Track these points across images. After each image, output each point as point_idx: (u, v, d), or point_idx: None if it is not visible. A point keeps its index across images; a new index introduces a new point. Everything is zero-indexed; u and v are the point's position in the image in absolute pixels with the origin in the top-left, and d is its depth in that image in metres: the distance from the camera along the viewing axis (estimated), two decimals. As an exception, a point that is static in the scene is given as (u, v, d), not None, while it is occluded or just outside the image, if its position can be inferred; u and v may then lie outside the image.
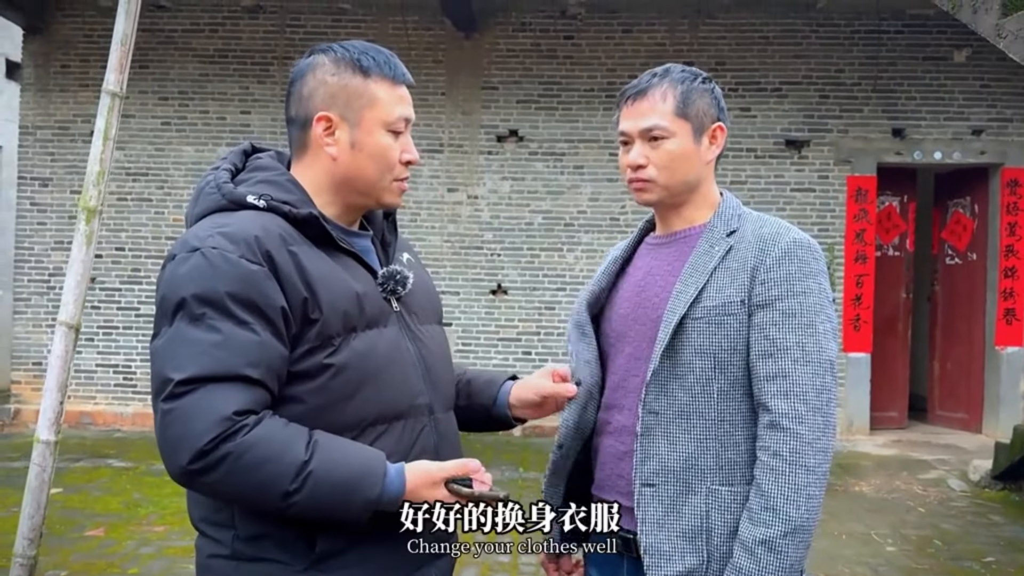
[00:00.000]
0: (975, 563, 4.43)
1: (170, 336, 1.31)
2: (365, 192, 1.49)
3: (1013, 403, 7.35)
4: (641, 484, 1.58)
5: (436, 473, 1.38)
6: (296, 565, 1.35)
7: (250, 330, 1.30)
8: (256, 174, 1.47)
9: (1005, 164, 7.42)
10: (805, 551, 1.49)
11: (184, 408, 1.27)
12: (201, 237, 1.34)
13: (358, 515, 1.32)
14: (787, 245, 1.56)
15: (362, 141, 1.45)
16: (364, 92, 1.45)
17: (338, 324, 1.37)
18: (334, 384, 1.36)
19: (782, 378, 1.50)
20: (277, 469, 1.27)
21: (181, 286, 1.32)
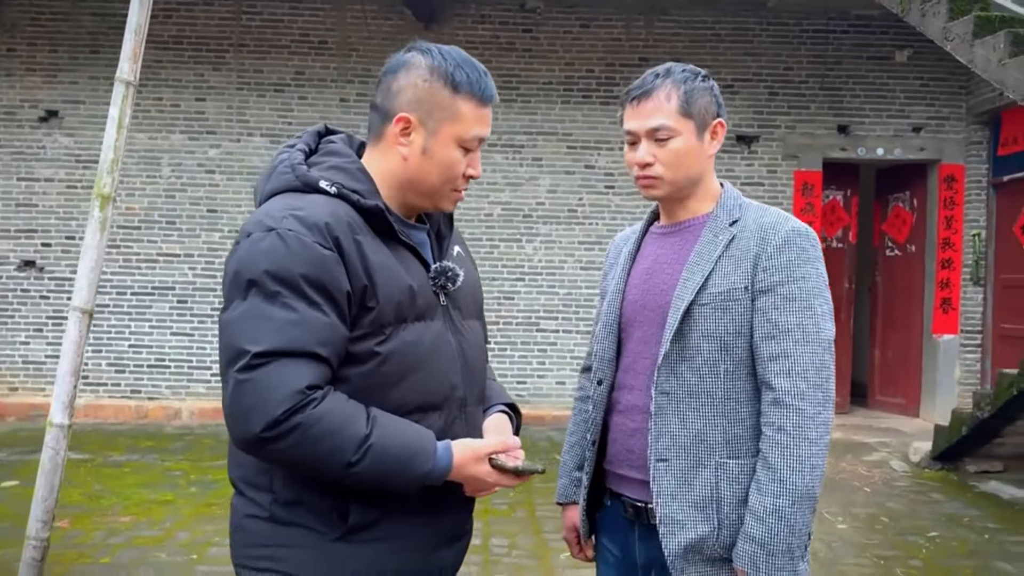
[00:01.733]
0: (920, 537, 4.69)
1: (244, 310, 1.36)
2: (425, 195, 1.54)
3: (949, 388, 7.73)
4: (656, 459, 1.69)
5: (481, 449, 1.47)
6: (329, 534, 1.42)
7: (321, 311, 1.36)
8: (328, 159, 1.52)
9: (942, 160, 7.78)
10: (811, 516, 1.61)
11: (260, 379, 1.32)
12: (276, 218, 1.39)
13: (410, 487, 1.40)
14: (787, 234, 1.67)
15: (434, 150, 1.50)
16: (449, 106, 1.50)
17: (391, 314, 1.43)
18: (381, 370, 1.43)
19: (784, 358, 1.62)
20: (341, 441, 1.34)
21: (257, 263, 1.36)
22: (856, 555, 4.37)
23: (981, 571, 4.17)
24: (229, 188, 7.65)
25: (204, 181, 7.63)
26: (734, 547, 1.63)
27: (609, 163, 7.63)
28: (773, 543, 1.57)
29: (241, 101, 7.62)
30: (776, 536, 1.57)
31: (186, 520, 4.76)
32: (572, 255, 7.64)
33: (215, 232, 7.64)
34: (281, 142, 7.53)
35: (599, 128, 7.62)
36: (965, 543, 4.60)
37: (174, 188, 7.60)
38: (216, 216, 7.64)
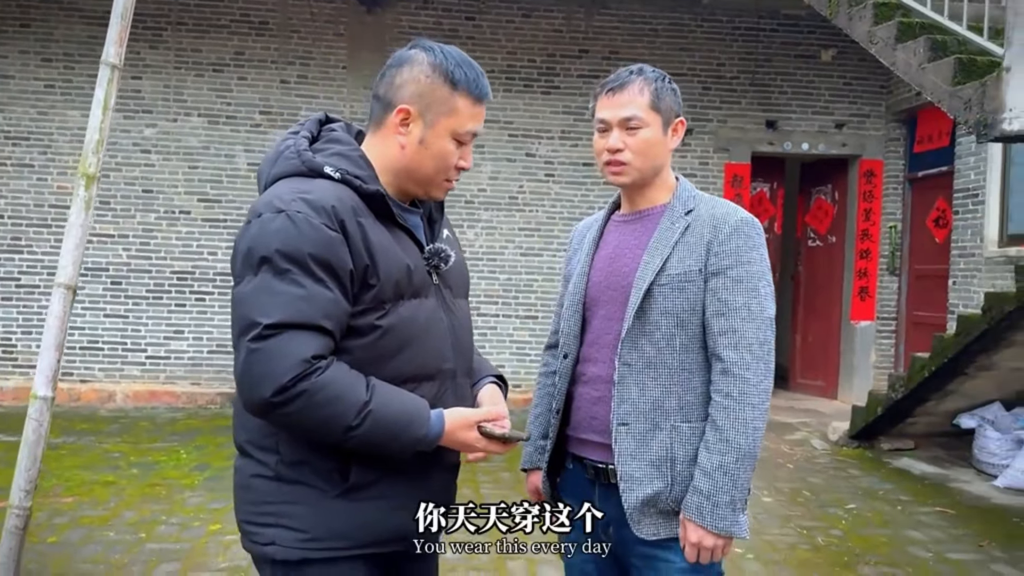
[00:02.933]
0: (839, 509, 5.02)
1: (256, 285, 1.47)
2: (419, 183, 1.66)
3: (865, 372, 8.19)
4: (617, 423, 1.86)
5: (471, 417, 1.60)
6: (330, 492, 1.54)
7: (326, 287, 1.47)
8: (331, 146, 1.62)
9: (863, 156, 8.21)
10: (752, 472, 1.81)
11: (270, 348, 1.44)
12: (286, 201, 1.50)
13: (406, 450, 1.53)
14: (736, 223, 1.86)
15: (430, 141, 1.61)
16: (447, 101, 1.61)
17: (390, 291, 1.55)
18: (381, 343, 1.55)
19: (732, 333, 1.81)
20: (343, 407, 1.46)
21: (267, 242, 1.47)
22: (781, 526, 4.66)
23: (894, 539, 4.50)
24: (165, 168, 7.54)
25: (139, 161, 7.50)
26: (683, 500, 1.81)
27: (549, 151, 7.80)
28: (718, 495, 1.75)
29: (179, 80, 7.51)
30: (721, 489, 1.75)
31: (130, 500, 4.76)
32: (512, 241, 7.79)
33: (150, 213, 7.53)
34: (219, 123, 7.49)
35: (540, 117, 7.78)
36: (880, 514, 4.94)
37: (108, 168, 7.44)
38: (151, 196, 7.53)
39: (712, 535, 1.75)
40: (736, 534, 1.77)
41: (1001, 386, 5.87)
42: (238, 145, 7.58)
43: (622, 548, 1.90)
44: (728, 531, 1.76)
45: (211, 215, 7.59)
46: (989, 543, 4.45)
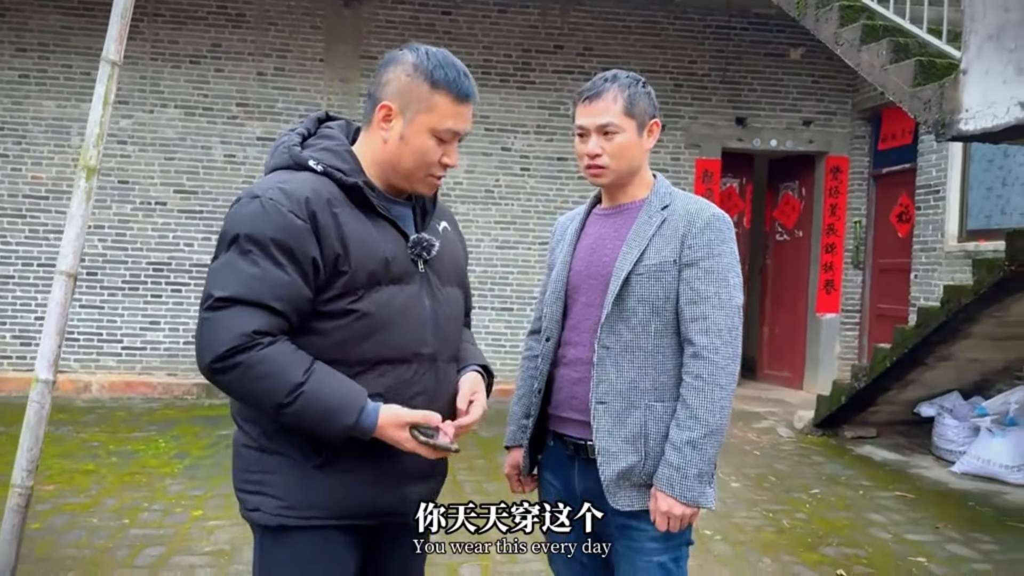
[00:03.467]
0: (803, 494, 5.21)
1: (222, 262, 1.60)
2: (403, 177, 1.75)
3: (830, 363, 8.42)
4: (596, 402, 1.99)
5: (404, 416, 1.62)
6: (307, 463, 1.65)
7: (283, 271, 1.57)
8: (321, 142, 1.74)
9: (829, 152, 8.42)
10: (718, 448, 1.95)
11: (216, 319, 1.56)
12: (263, 188, 1.62)
13: (335, 436, 1.59)
14: (708, 218, 2.00)
15: (409, 137, 1.70)
16: (426, 99, 1.69)
17: (363, 278, 1.65)
18: (354, 325, 1.65)
19: (703, 319, 1.95)
20: (276, 384, 1.55)
21: (239, 224, 1.60)
22: (748, 509, 4.84)
23: (856, 522, 4.69)
24: (141, 159, 7.55)
25: (115, 152, 7.51)
26: (656, 474, 1.94)
27: (525, 146, 7.92)
28: (687, 468, 1.89)
29: (155, 72, 7.51)
30: (690, 462, 1.89)
31: (111, 488, 4.82)
32: (488, 234, 7.90)
33: (126, 204, 7.54)
34: (195, 114, 7.51)
35: (516, 112, 7.89)
36: (843, 498, 5.14)
37: (84, 158, 7.44)
38: (128, 188, 7.54)
39: (681, 504, 1.89)
40: (703, 504, 1.91)
41: (959, 376, 6.10)
42: (215, 137, 7.60)
43: (598, 519, 2.03)
44: (696, 501, 1.89)
45: (187, 206, 7.61)
46: (946, 525, 4.65)
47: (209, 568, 3.69)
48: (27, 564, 3.66)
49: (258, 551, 1.70)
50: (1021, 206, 6.29)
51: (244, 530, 4.16)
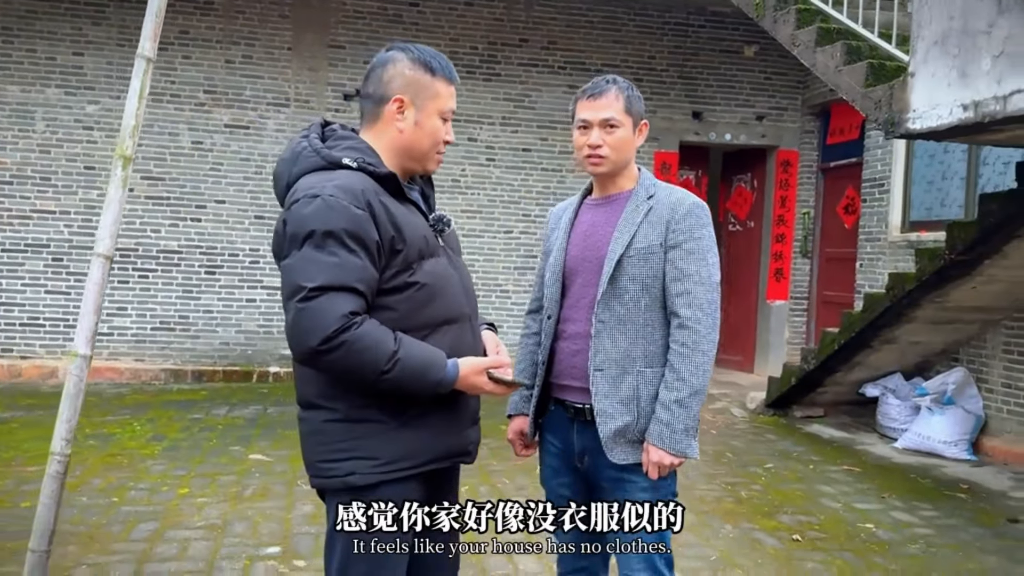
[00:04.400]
0: (758, 468, 5.55)
1: (301, 257, 1.77)
2: (417, 159, 1.97)
3: (779, 347, 8.82)
4: (594, 369, 2.23)
5: (480, 364, 1.92)
6: (391, 423, 1.87)
7: (357, 256, 1.78)
8: (342, 142, 1.92)
9: (780, 146, 8.80)
10: (701, 406, 2.20)
11: (315, 307, 1.74)
12: (319, 188, 1.80)
13: (427, 391, 1.85)
14: (689, 206, 2.26)
15: (423, 122, 1.93)
16: (430, 86, 1.93)
17: (415, 253, 1.88)
18: (416, 296, 1.88)
19: (687, 294, 2.20)
20: (376, 355, 1.77)
21: (309, 222, 1.77)
22: (708, 483, 5.14)
23: (808, 493, 5.03)
24: (108, 146, 7.55)
25: (81, 137, 7.49)
26: (647, 430, 2.19)
27: (490, 137, 8.12)
28: (675, 423, 2.15)
29: (122, 58, 7.51)
30: (677, 419, 2.15)
31: (95, 469, 4.92)
32: (454, 223, 8.08)
33: (93, 190, 7.54)
34: (163, 101, 7.53)
35: (481, 103, 8.08)
36: (795, 472, 5.49)
37: (49, 144, 7.43)
38: (94, 173, 7.54)
39: (670, 455, 2.15)
40: (689, 455, 2.18)
41: (901, 358, 6.51)
42: (182, 124, 7.64)
43: (594, 473, 2.27)
44: (683, 452, 2.16)
45: (154, 193, 7.65)
46: (890, 495, 5.02)
47: (204, 541, 3.84)
48: (19, 540, 3.77)
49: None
50: (959, 199, 6.71)
51: (233, 506, 4.33)
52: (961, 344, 6.37)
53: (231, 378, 7.79)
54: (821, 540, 4.19)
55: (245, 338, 7.87)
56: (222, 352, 7.83)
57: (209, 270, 7.78)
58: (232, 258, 7.82)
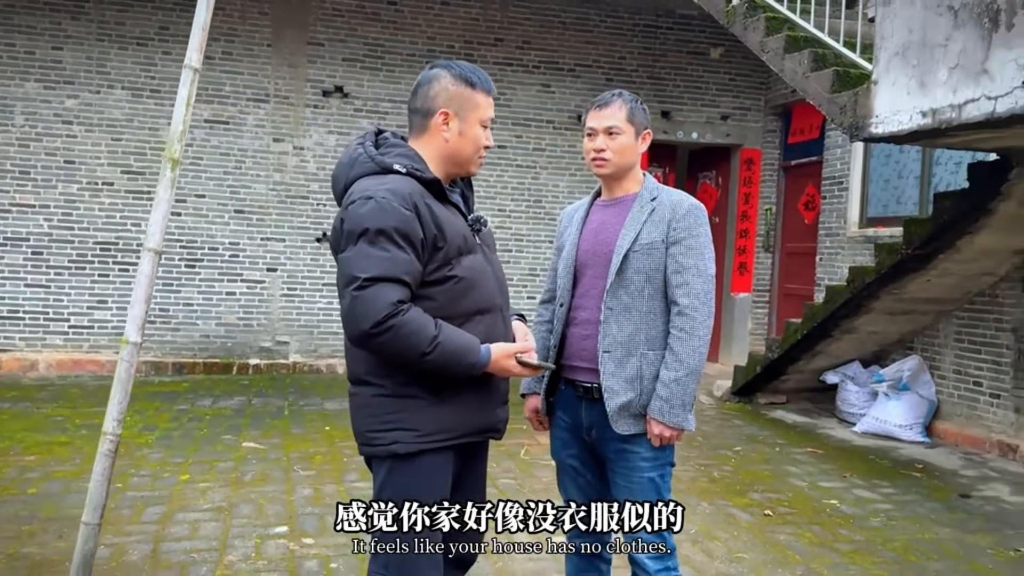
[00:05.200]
0: (728, 451, 5.87)
1: (356, 251, 2.00)
2: (460, 164, 2.21)
3: (743, 338, 9.19)
4: (602, 351, 2.49)
5: (510, 349, 2.16)
6: (432, 400, 2.10)
7: (404, 252, 2.01)
8: (393, 149, 2.15)
9: (744, 145, 9.16)
10: (697, 384, 2.47)
11: (367, 296, 1.97)
12: (373, 191, 2.02)
13: (463, 372, 2.08)
14: (688, 207, 2.52)
15: (466, 131, 2.17)
16: (471, 99, 2.17)
17: (454, 250, 2.11)
18: (455, 288, 2.11)
19: (686, 285, 2.46)
20: (419, 339, 2.00)
21: (364, 221, 2.00)
22: (682, 464, 5.43)
23: (775, 473, 5.36)
24: (88, 140, 7.60)
25: (61, 132, 7.54)
26: (648, 405, 2.45)
27: (466, 133, 8.32)
28: (674, 400, 2.41)
29: (101, 52, 7.56)
30: (676, 396, 2.41)
31: (92, 457, 4.89)
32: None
33: (72, 184, 7.59)
34: (143, 96, 7.61)
35: (458, 101, 8.27)
36: (762, 454, 5.82)
37: (28, 138, 7.45)
38: (74, 167, 7.58)
39: (670, 428, 2.42)
40: (686, 427, 2.45)
41: (860, 347, 6.89)
42: (163, 119, 7.72)
43: (601, 445, 2.53)
44: (681, 425, 2.43)
45: (135, 187, 7.72)
46: (851, 474, 5.37)
47: (213, 522, 4.02)
48: (34, 524, 3.92)
49: (388, 477, 2.11)
50: (914, 197, 7.11)
51: (235, 490, 4.51)
52: (916, 334, 6.77)
53: (211, 370, 7.91)
54: (790, 515, 4.51)
55: (225, 331, 7.99)
56: (202, 345, 7.94)
57: (189, 264, 7.88)
58: (212, 252, 7.93)
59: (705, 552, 3.90)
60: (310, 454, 5.29)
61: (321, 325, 8.17)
